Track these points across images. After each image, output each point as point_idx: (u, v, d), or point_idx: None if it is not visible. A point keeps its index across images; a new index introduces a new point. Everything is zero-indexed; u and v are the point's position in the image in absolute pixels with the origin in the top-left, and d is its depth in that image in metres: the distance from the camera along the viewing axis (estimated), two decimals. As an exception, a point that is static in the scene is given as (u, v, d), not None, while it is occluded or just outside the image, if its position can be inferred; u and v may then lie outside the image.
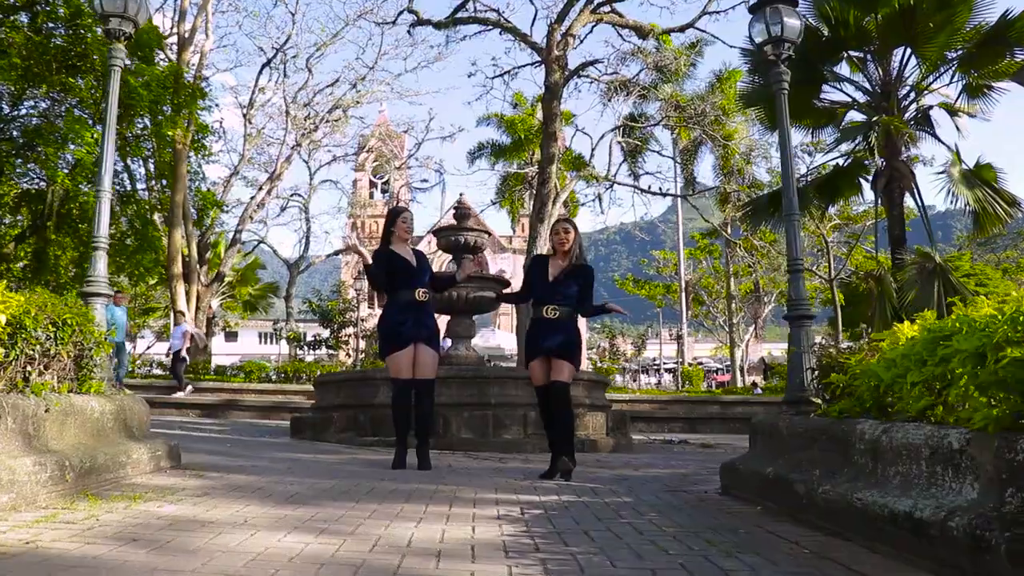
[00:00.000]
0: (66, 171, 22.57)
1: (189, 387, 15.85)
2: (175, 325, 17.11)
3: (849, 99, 20.33)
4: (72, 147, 20.03)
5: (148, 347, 47.69)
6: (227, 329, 53.32)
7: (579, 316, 5.35)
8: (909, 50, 19.00)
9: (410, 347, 5.53)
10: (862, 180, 21.09)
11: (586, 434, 8.11)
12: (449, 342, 9.88)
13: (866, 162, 21.13)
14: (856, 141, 20.10)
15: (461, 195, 9.70)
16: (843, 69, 20.77)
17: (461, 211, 9.50)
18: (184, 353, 16.38)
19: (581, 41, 28.13)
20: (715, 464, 6.57)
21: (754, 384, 31.96)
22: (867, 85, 20.06)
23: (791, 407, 5.26)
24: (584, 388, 8.46)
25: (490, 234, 9.85)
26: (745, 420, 14.39)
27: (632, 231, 35.59)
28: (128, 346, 16.85)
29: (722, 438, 12.43)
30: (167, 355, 17.40)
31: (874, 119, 18.56)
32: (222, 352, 56.90)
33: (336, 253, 45.27)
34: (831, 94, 20.69)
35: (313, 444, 7.68)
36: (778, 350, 56.11)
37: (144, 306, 40.98)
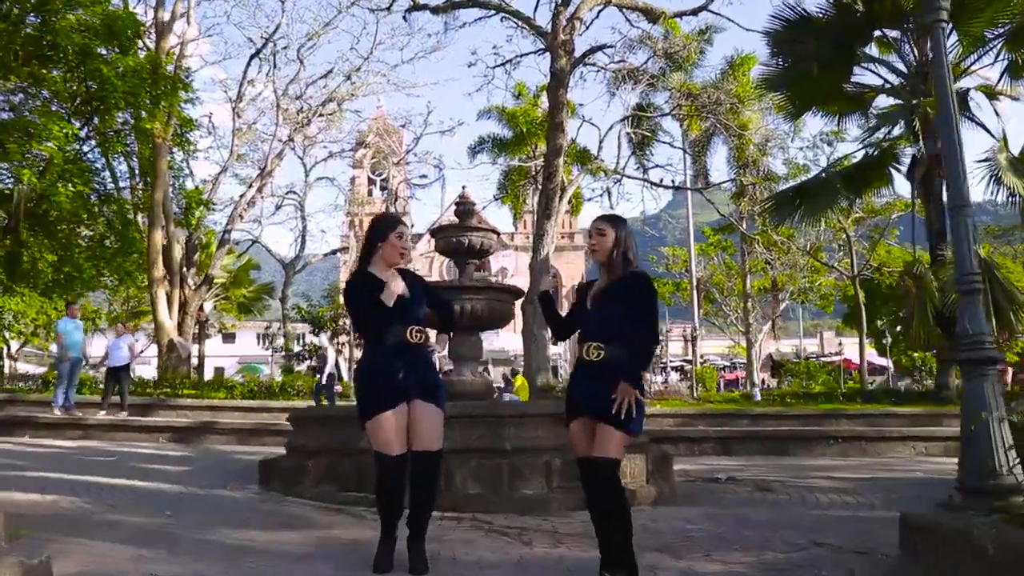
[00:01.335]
0: (41, 169, 21.06)
1: (102, 413, 13.79)
2: (116, 336, 15.33)
3: (880, 82, 18.84)
4: (45, 143, 18.38)
5: (141, 351, 46.04)
6: (224, 331, 51.86)
7: (636, 353, 3.69)
8: (950, 26, 17.52)
9: (402, 406, 3.92)
10: (893, 170, 19.62)
11: (623, 483, 6.55)
12: (449, 365, 8.31)
13: (898, 151, 19.67)
14: (890, 128, 18.60)
15: (464, 188, 8.00)
16: (873, 51, 19.29)
17: (464, 207, 7.91)
18: (130, 367, 14.67)
19: (587, 27, 26.59)
20: (800, 531, 5.02)
21: (753, 385, 30.49)
22: (901, 67, 18.53)
23: (973, 499, 3.69)
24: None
25: (498, 234, 8.19)
26: (780, 439, 12.85)
27: (641, 227, 34.03)
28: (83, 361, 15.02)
29: (762, 462, 10.93)
30: (99, 368, 15.51)
31: (915, 102, 17.02)
32: (220, 354, 55.52)
33: (334, 252, 43.84)
34: (861, 77, 19.18)
35: (280, 504, 6.11)
36: (786, 346, 54.58)
37: (135, 309, 39.45)
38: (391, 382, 3.90)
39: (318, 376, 17.28)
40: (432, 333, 4.39)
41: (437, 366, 4.24)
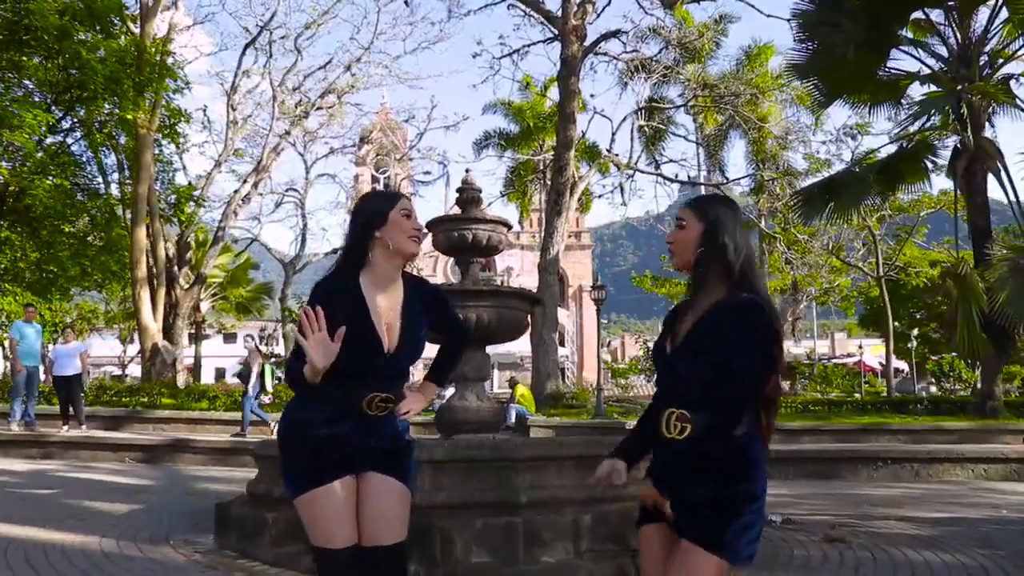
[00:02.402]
0: (14, 162, 19.81)
1: (65, 429, 12.28)
2: (63, 342, 13.82)
3: (916, 68, 17.46)
4: (13, 133, 17.07)
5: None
6: (224, 331, 50.79)
7: (737, 431, 2.27)
8: (997, 5, 16.15)
9: (349, 479, 2.54)
10: (928, 164, 18.25)
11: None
12: (451, 388, 6.94)
13: (935, 142, 18.33)
14: (928, 117, 17.21)
15: (467, 171, 6.58)
16: (908, 34, 17.94)
17: (468, 194, 6.51)
18: (84, 377, 13.24)
19: (598, 15, 25.38)
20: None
21: None
22: (942, 50, 17.16)
23: None
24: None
25: (509, 227, 6.67)
26: (822, 461, 11.46)
27: (653, 223, 32.73)
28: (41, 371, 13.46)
29: (809, 489, 9.64)
30: (48, 375, 13.92)
31: (959, 87, 15.62)
32: (219, 355, 54.39)
33: (335, 251, 42.65)
34: (895, 62, 17.80)
35: (230, 573, 4.75)
36: (796, 348, 53.17)
37: (129, 310, 38.24)
38: (333, 442, 2.54)
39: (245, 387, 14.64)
40: (414, 397, 2.73)
41: (408, 417, 2.74)
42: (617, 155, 26.57)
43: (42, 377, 13.97)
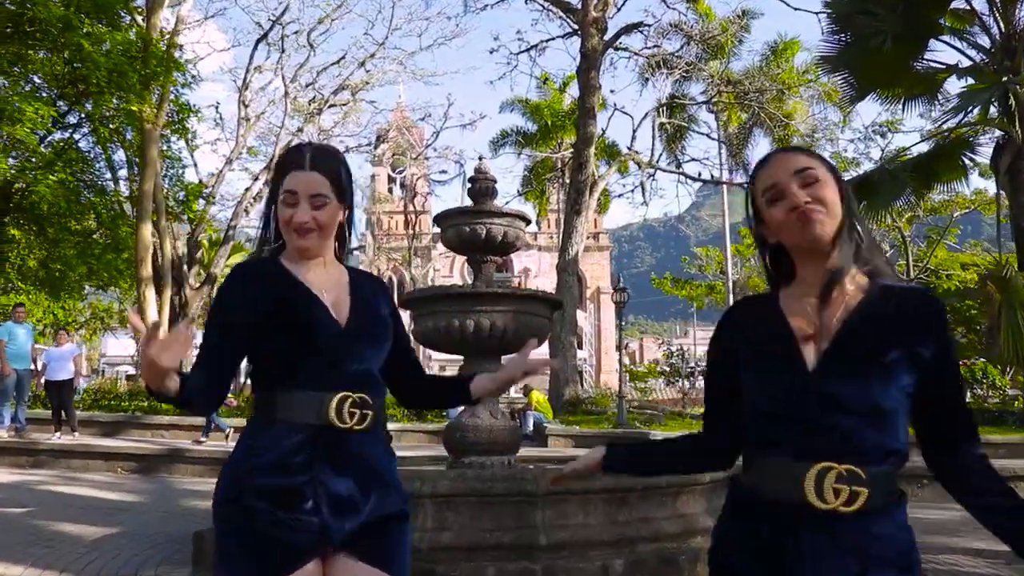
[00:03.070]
0: (19, 158, 19.30)
1: (57, 436, 11.58)
2: (56, 344, 13.13)
3: (956, 59, 16.63)
4: (14, 126, 16.52)
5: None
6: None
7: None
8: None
9: (312, 567, 1.74)
10: (966, 160, 17.40)
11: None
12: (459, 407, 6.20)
13: (974, 138, 17.50)
14: (968, 111, 16.37)
15: (481, 159, 5.86)
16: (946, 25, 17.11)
17: (482, 184, 5.77)
18: (77, 382, 12.57)
19: (619, 9, 24.66)
20: None
21: None
22: (984, 40, 16.29)
23: None
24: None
25: (528, 221, 5.92)
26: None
27: (674, 224, 31.99)
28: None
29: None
30: (39, 379, 13.14)
31: (1004, 79, 14.78)
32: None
33: (351, 251, 41.93)
34: (934, 53, 16.95)
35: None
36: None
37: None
38: (288, 509, 1.77)
39: None
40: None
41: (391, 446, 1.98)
42: (639, 153, 25.81)
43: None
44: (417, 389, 2.13)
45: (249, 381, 2.00)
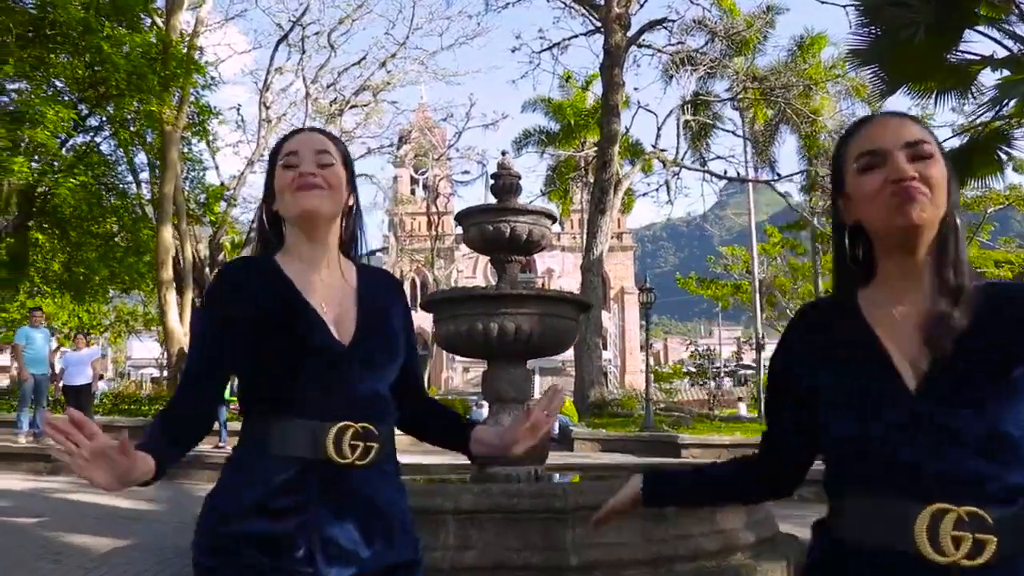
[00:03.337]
0: (41, 161, 19.25)
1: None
2: (74, 348, 12.98)
3: (991, 50, 16.18)
4: (35, 129, 16.46)
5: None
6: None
7: None
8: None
9: None
10: (1002, 155, 16.93)
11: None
12: (484, 410, 5.90)
13: (1008, 131, 17.02)
14: (1004, 103, 15.91)
15: (504, 154, 5.58)
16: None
17: (505, 180, 5.49)
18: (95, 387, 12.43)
19: (642, 5, 24.35)
20: None
21: (739, 399, 28.03)
22: (1021, 30, 15.81)
23: None
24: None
25: (554, 219, 5.61)
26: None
27: (699, 223, 31.56)
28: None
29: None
30: (57, 383, 12.85)
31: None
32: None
33: (373, 252, 42.02)
34: (967, 44, 16.52)
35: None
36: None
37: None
38: (276, 558, 1.49)
39: None
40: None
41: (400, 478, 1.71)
42: (663, 151, 25.44)
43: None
44: (413, 417, 1.83)
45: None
